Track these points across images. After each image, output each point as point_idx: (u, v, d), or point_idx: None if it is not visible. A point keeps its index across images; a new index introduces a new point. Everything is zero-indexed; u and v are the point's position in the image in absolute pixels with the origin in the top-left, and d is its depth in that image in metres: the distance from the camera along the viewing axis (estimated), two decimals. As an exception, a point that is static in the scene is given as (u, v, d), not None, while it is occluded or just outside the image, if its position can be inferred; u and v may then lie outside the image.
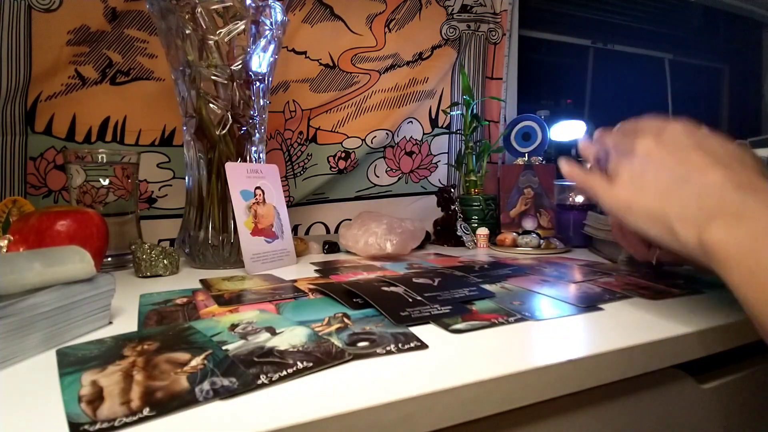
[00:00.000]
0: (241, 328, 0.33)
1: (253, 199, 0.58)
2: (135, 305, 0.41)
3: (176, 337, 0.31)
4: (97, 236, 0.51)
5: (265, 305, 0.40)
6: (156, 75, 0.75)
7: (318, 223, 0.92)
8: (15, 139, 0.67)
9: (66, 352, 0.29)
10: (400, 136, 0.97)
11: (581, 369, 0.29)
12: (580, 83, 1.34)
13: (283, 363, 0.27)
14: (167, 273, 0.55)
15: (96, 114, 0.72)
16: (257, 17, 0.58)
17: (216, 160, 0.59)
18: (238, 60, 0.58)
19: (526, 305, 0.39)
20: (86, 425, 0.20)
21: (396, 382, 0.25)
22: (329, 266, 0.59)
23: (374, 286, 0.43)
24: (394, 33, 0.94)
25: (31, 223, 0.47)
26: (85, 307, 0.33)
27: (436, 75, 0.98)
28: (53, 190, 0.70)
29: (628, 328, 0.34)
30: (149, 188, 0.76)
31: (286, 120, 0.87)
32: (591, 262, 0.60)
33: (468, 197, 0.82)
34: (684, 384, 0.37)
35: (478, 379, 0.26)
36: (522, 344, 0.32)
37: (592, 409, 0.33)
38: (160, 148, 0.77)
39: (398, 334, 0.32)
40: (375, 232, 0.63)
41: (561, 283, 0.48)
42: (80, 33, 0.69)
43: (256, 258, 0.56)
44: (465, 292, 0.42)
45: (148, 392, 0.23)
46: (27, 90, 0.67)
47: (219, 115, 0.59)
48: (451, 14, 0.99)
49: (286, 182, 0.88)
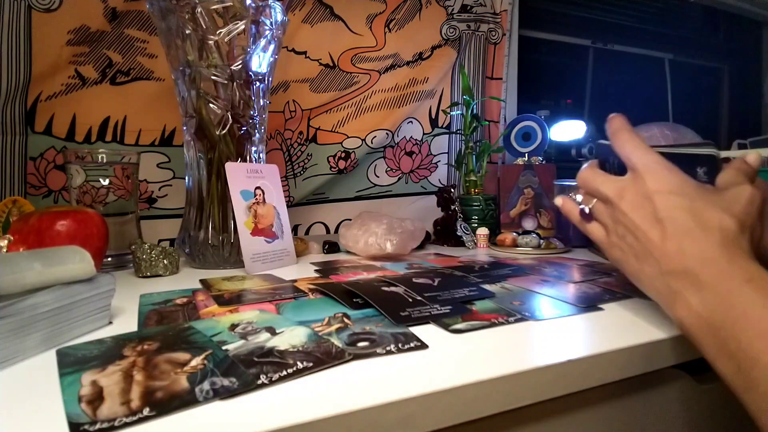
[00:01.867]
0: (241, 328, 0.33)
1: (253, 199, 0.58)
2: (135, 305, 0.41)
3: (176, 337, 0.31)
4: (97, 236, 0.51)
5: (265, 305, 0.40)
6: (156, 75, 0.75)
7: (318, 223, 0.92)
8: (15, 139, 0.67)
9: (66, 352, 0.29)
10: (400, 136, 0.97)
11: (581, 369, 0.29)
12: (580, 83, 1.34)
13: (283, 363, 0.27)
14: (167, 273, 0.55)
15: (96, 114, 0.72)
16: (257, 17, 0.58)
17: (216, 160, 0.59)
18: (238, 60, 0.58)
19: (526, 305, 0.39)
20: (86, 425, 0.20)
21: (396, 382, 0.25)
22: (329, 266, 0.59)
23: (374, 286, 0.43)
24: (394, 33, 0.94)
25: (31, 223, 0.47)
26: (85, 307, 0.33)
27: (436, 75, 0.98)
28: (53, 190, 0.70)
29: (628, 328, 0.34)
30: (149, 188, 0.76)
31: (286, 120, 0.87)
32: (591, 262, 0.60)
33: (468, 197, 0.82)
34: (684, 384, 0.37)
35: (478, 379, 0.26)
36: (522, 344, 0.32)
37: (592, 409, 0.33)
38: (160, 148, 0.77)
39: (398, 334, 0.32)
40: (375, 232, 0.63)
41: (561, 283, 0.48)
42: (80, 33, 0.69)
43: (256, 258, 0.56)
44: (465, 292, 0.42)
45: (148, 392, 0.23)
46: (27, 90, 0.67)
47: (219, 115, 0.59)
48: (451, 14, 0.99)
49: (286, 182, 0.88)
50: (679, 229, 0.30)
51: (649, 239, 0.31)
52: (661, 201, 0.31)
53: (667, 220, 0.30)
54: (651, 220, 0.31)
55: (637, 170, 0.33)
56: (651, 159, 0.33)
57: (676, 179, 0.31)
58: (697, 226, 0.29)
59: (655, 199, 0.31)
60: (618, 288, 0.44)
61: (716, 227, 0.29)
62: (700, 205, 0.30)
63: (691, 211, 0.30)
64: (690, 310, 0.28)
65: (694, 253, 0.29)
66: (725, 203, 0.30)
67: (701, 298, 0.28)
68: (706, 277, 0.28)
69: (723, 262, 0.28)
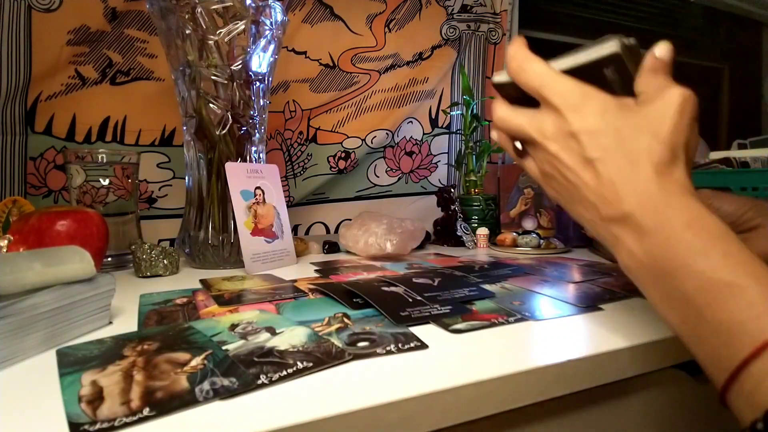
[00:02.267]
0: (241, 328, 0.33)
1: (253, 199, 0.58)
2: (135, 305, 0.41)
3: (176, 337, 0.31)
4: (97, 236, 0.51)
5: (265, 305, 0.40)
6: (156, 75, 0.75)
7: (318, 223, 0.92)
8: (15, 139, 0.67)
9: (66, 352, 0.29)
10: (400, 136, 0.97)
11: (581, 369, 0.29)
12: (580, 83, 1.34)
13: (283, 363, 0.27)
14: (167, 273, 0.55)
15: (96, 114, 0.72)
16: (257, 17, 0.58)
17: (216, 160, 0.59)
18: (238, 60, 0.58)
19: (526, 305, 0.39)
20: (86, 425, 0.20)
21: (396, 382, 0.25)
22: (329, 266, 0.59)
23: (374, 286, 0.43)
24: (394, 33, 0.94)
25: (31, 223, 0.47)
26: (85, 307, 0.33)
27: (436, 75, 0.98)
28: (53, 190, 0.70)
29: (628, 328, 0.34)
30: (149, 188, 0.76)
31: (286, 120, 0.87)
32: (591, 262, 0.60)
33: (468, 197, 0.82)
34: (684, 384, 0.37)
35: (478, 379, 0.26)
36: (522, 344, 0.32)
37: (592, 409, 0.33)
38: (160, 148, 0.77)
39: (398, 334, 0.32)
40: (375, 232, 0.63)
41: (561, 283, 0.48)
42: (80, 33, 0.69)
43: (256, 258, 0.56)
44: (465, 292, 0.42)
45: (148, 392, 0.23)
46: (27, 90, 0.67)
47: (219, 115, 0.59)
48: (451, 14, 0.99)
49: (286, 182, 0.88)
50: (611, 169, 0.28)
51: (584, 182, 0.29)
52: (587, 140, 0.28)
53: (598, 161, 0.28)
54: (580, 161, 0.29)
55: (553, 105, 0.30)
56: (563, 88, 0.30)
57: (597, 107, 0.29)
58: (628, 164, 0.27)
59: (582, 139, 0.28)
60: (618, 288, 0.44)
61: (647, 160, 0.27)
62: (627, 134, 0.28)
63: (619, 144, 0.28)
64: (633, 257, 0.28)
65: (629, 196, 0.27)
66: (651, 123, 0.27)
67: (642, 245, 0.27)
68: (645, 222, 0.26)
69: (660, 203, 0.26)
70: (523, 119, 0.32)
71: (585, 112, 0.29)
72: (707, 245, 0.25)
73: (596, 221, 0.29)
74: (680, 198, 0.26)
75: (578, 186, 0.29)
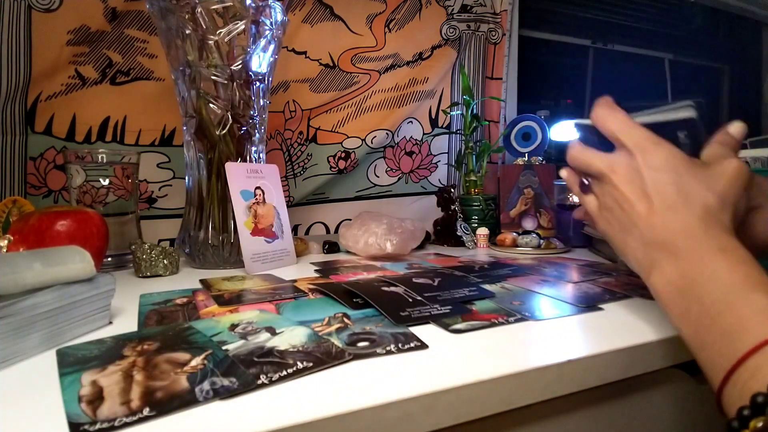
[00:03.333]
0: (241, 328, 0.33)
1: (253, 199, 0.58)
2: (135, 305, 0.41)
3: (176, 337, 0.31)
4: (97, 236, 0.51)
5: (265, 305, 0.40)
6: (156, 75, 0.75)
7: (318, 223, 0.92)
8: (15, 139, 0.67)
9: (66, 352, 0.29)
10: (400, 136, 0.97)
11: (581, 369, 0.29)
12: (580, 83, 1.34)
13: (283, 363, 0.27)
14: (167, 273, 0.55)
15: (96, 114, 0.72)
16: (257, 17, 0.58)
17: (216, 160, 0.59)
18: (238, 60, 0.58)
19: (526, 305, 0.39)
20: (86, 425, 0.20)
21: (396, 382, 0.25)
22: (329, 266, 0.59)
23: (374, 286, 0.43)
24: (394, 33, 0.94)
25: (31, 223, 0.47)
26: (85, 307, 0.33)
27: (436, 75, 0.98)
28: (53, 190, 0.70)
29: (628, 328, 0.34)
30: (149, 188, 0.76)
31: (286, 120, 0.87)
32: (591, 262, 0.60)
33: (468, 197, 0.82)
34: (684, 384, 0.37)
35: (478, 379, 0.26)
36: (522, 344, 0.32)
37: (592, 409, 0.33)
38: (160, 148, 0.77)
39: (398, 334, 0.32)
40: (375, 232, 0.63)
41: (561, 283, 0.48)
42: (80, 33, 0.69)
43: (256, 258, 0.56)
44: (465, 292, 0.42)
45: (148, 392, 0.23)
46: (27, 90, 0.67)
47: (219, 115, 0.59)
48: (451, 14, 0.99)
49: (286, 182, 0.88)
50: (665, 203, 0.31)
51: (636, 212, 0.32)
52: (650, 176, 0.32)
53: (655, 195, 0.31)
54: (639, 194, 0.32)
55: (627, 147, 0.33)
56: (639, 135, 0.33)
57: (665, 154, 0.32)
58: (681, 202, 0.30)
59: (645, 175, 0.32)
60: (618, 288, 0.44)
61: (699, 203, 0.30)
62: (686, 180, 0.31)
63: (677, 186, 0.31)
64: (664, 276, 0.30)
65: (675, 226, 0.30)
66: (709, 180, 0.31)
67: (676, 266, 0.29)
68: (682, 247, 0.29)
69: (700, 233, 0.29)
70: (596, 156, 0.36)
71: (654, 154, 0.32)
72: (734, 267, 0.27)
73: (639, 247, 0.32)
74: (719, 232, 0.29)
75: (631, 216, 0.32)
